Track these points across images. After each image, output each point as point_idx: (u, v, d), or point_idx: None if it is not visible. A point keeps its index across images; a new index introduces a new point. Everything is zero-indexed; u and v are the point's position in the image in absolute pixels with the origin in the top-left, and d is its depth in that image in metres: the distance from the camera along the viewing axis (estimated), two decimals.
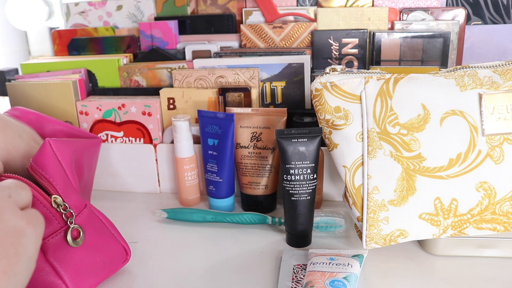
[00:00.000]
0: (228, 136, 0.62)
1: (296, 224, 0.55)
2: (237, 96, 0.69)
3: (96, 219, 0.48)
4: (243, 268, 0.52)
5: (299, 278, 0.48)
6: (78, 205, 0.46)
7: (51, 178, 0.43)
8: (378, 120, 0.47)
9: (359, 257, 0.49)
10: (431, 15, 0.73)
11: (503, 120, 0.46)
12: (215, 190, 0.65)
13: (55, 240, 0.43)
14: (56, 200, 0.43)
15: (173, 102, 0.71)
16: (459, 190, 0.47)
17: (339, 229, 0.58)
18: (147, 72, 0.75)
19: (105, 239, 0.48)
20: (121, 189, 0.74)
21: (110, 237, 0.49)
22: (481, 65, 0.48)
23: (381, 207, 0.48)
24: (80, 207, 0.46)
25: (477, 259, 0.52)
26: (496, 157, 0.46)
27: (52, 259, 0.43)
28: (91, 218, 0.47)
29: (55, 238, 0.43)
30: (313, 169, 0.53)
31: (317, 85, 0.49)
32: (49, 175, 0.43)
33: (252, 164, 0.64)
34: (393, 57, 0.72)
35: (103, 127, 0.72)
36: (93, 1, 0.85)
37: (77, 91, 0.73)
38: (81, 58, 0.80)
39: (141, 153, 0.72)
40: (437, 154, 0.47)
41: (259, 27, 0.76)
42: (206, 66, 0.72)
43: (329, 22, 0.75)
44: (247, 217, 0.61)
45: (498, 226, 0.48)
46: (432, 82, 0.47)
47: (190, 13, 0.81)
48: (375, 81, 0.48)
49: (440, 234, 0.49)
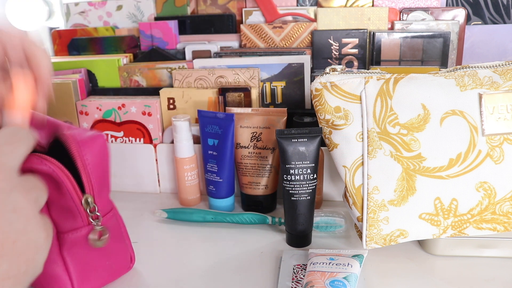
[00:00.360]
0: (228, 136, 0.62)
1: (296, 224, 0.55)
2: (237, 96, 0.69)
3: (116, 224, 0.47)
4: (243, 268, 0.52)
5: (299, 278, 0.48)
6: (106, 207, 0.45)
7: (92, 176, 0.41)
8: (378, 120, 0.47)
9: (359, 257, 0.49)
10: (431, 15, 0.73)
11: (503, 120, 0.46)
12: (215, 190, 0.65)
13: (74, 237, 0.42)
14: (87, 199, 0.41)
15: (173, 102, 0.71)
16: (459, 190, 0.47)
17: (339, 229, 0.58)
18: (147, 72, 0.75)
19: (119, 244, 0.48)
20: (121, 189, 0.74)
21: (123, 243, 0.49)
22: (481, 65, 0.48)
23: (381, 207, 0.48)
24: (108, 209, 0.45)
25: (477, 259, 0.52)
26: (496, 157, 0.46)
27: (66, 253, 0.42)
28: (113, 222, 0.46)
29: (75, 235, 0.42)
30: (313, 169, 0.53)
31: (317, 85, 0.49)
32: (92, 172, 0.41)
33: (252, 164, 0.64)
34: (393, 57, 0.72)
35: (103, 127, 0.72)
36: (93, 1, 0.85)
37: (77, 91, 0.73)
38: (81, 58, 0.80)
39: (141, 153, 0.72)
40: (437, 154, 0.47)
41: (259, 27, 0.76)
42: (206, 66, 0.72)
43: (329, 22, 0.75)
44: (247, 217, 0.61)
45: (498, 226, 0.48)
46: (432, 82, 0.47)
47: (190, 13, 0.81)
48: (375, 81, 0.48)
49: (440, 234, 0.49)
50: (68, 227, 0.42)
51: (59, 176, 0.38)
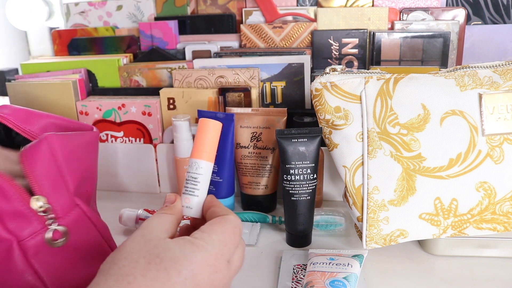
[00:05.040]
0: (228, 136, 0.62)
1: (296, 224, 0.55)
2: (237, 96, 0.69)
3: (86, 222, 0.45)
4: (243, 268, 0.52)
5: (299, 278, 0.48)
6: (66, 206, 0.43)
7: (37, 177, 0.40)
8: (378, 120, 0.47)
9: (359, 257, 0.49)
10: (431, 15, 0.73)
11: (503, 120, 0.46)
12: (215, 190, 0.65)
13: (35, 241, 0.41)
14: (37, 200, 0.40)
15: (173, 102, 0.71)
16: (459, 190, 0.47)
17: (339, 228, 0.58)
18: (147, 72, 0.75)
19: (94, 243, 0.46)
20: (121, 189, 0.74)
21: (99, 241, 0.46)
22: (481, 65, 0.48)
23: (381, 207, 0.48)
24: (69, 208, 0.44)
25: (477, 259, 0.52)
26: (496, 157, 0.46)
27: (33, 261, 0.41)
28: (81, 220, 0.45)
29: (35, 239, 0.41)
30: (313, 169, 0.53)
31: (317, 85, 0.49)
32: (36, 173, 0.40)
33: (252, 164, 0.64)
34: (393, 57, 0.72)
35: (103, 127, 0.72)
36: (93, 1, 0.85)
37: (77, 91, 0.73)
38: (81, 58, 0.80)
39: (141, 153, 0.72)
40: (437, 154, 0.47)
41: (259, 27, 0.76)
42: (206, 66, 0.72)
43: (329, 22, 0.75)
44: (248, 216, 0.61)
45: (498, 226, 0.48)
46: (432, 82, 0.47)
47: (190, 13, 0.81)
48: (375, 81, 0.48)
49: (440, 234, 0.49)
50: (27, 233, 0.40)
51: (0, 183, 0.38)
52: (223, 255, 0.34)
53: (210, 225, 0.35)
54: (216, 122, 0.41)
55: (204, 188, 0.40)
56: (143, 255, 0.32)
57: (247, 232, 0.58)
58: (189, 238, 0.34)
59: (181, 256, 0.32)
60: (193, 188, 0.40)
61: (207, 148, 0.40)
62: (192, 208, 0.39)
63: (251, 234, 0.58)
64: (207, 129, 0.40)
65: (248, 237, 0.57)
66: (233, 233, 0.35)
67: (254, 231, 0.59)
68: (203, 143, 0.40)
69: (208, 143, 0.40)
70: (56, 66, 0.78)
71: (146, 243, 0.33)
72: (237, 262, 0.36)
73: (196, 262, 0.32)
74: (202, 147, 0.40)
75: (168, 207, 0.38)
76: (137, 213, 0.60)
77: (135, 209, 0.61)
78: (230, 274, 0.35)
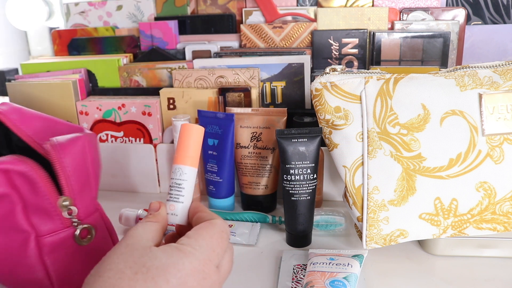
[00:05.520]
0: (228, 136, 0.62)
1: (296, 224, 0.55)
2: (237, 96, 0.69)
3: (102, 227, 0.46)
4: (243, 268, 0.52)
5: (299, 278, 0.48)
6: (89, 209, 0.44)
7: (72, 178, 0.40)
8: (378, 120, 0.47)
9: (359, 257, 0.49)
10: (431, 15, 0.73)
11: (503, 120, 0.46)
12: (215, 190, 0.65)
13: (53, 240, 0.41)
14: (65, 201, 0.40)
15: (173, 102, 0.71)
16: (459, 190, 0.47)
17: (339, 228, 0.58)
18: (147, 72, 0.75)
19: (106, 248, 0.46)
20: (121, 189, 0.74)
21: (110, 245, 0.47)
22: (481, 65, 0.48)
23: (381, 207, 0.48)
24: (90, 212, 0.44)
25: (477, 259, 0.52)
26: (496, 157, 0.46)
27: (46, 257, 0.41)
28: (98, 225, 0.45)
29: (54, 237, 0.41)
30: (313, 169, 0.53)
31: (317, 85, 0.49)
32: (70, 174, 0.40)
33: (252, 164, 0.64)
34: (393, 57, 0.72)
35: (103, 127, 0.72)
36: (93, 1, 0.85)
37: (77, 91, 0.73)
38: (81, 58, 0.80)
39: (141, 153, 0.72)
40: (437, 154, 0.47)
41: (259, 27, 0.76)
42: (206, 66, 0.72)
43: (329, 22, 0.75)
44: (248, 216, 0.61)
45: (498, 226, 0.48)
46: (432, 82, 0.47)
47: (190, 13, 0.81)
48: (375, 81, 0.48)
49: (440, 234, 0.49)
50: (47, 230, 0.41)
51: (34, 177, 0.38)
52: (212, 260, 0.33)
53: (197, 231, 0.34)
54: (198, 127, 0.40)
55: (188, 194, 0.39)
56: (129, 266, 0.30)
57: (247, 232, 0.58)
58: (176, 245, 0.33)
59: (168, 264, 0.31)
60: (178, 195, 0.39)
61: (191, 153, 0.39)
62: (178, 215, 0.38)
63: (251, 234, 0.58)
64: (189, 134, 0.39)
65: (248, 237, 0.57)
66: (220, 237, 0.34)
67: (254, 231, 0.58)
68: (186, 149, 0.39)
69: (191, 148, 0.39)
70: (56, 66, 0.78)
71: (131, 253, 0.32)
72: (226, 266, 0.35)
73: (184, 269, 0.31)
74: (185, 153, 0.39)
75: (153, 215, 0.37)
76: (137, 213, 0.60)
77: (135, 209, 0.61)
78: (220, 280, 0.34)
